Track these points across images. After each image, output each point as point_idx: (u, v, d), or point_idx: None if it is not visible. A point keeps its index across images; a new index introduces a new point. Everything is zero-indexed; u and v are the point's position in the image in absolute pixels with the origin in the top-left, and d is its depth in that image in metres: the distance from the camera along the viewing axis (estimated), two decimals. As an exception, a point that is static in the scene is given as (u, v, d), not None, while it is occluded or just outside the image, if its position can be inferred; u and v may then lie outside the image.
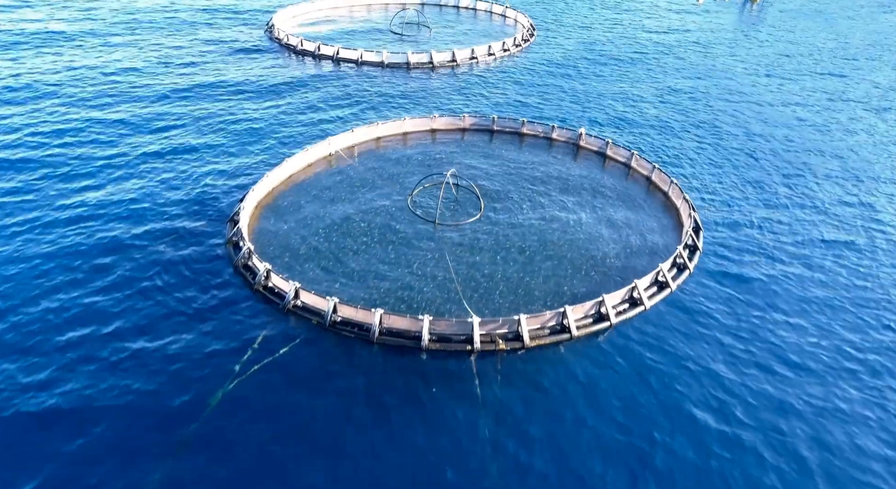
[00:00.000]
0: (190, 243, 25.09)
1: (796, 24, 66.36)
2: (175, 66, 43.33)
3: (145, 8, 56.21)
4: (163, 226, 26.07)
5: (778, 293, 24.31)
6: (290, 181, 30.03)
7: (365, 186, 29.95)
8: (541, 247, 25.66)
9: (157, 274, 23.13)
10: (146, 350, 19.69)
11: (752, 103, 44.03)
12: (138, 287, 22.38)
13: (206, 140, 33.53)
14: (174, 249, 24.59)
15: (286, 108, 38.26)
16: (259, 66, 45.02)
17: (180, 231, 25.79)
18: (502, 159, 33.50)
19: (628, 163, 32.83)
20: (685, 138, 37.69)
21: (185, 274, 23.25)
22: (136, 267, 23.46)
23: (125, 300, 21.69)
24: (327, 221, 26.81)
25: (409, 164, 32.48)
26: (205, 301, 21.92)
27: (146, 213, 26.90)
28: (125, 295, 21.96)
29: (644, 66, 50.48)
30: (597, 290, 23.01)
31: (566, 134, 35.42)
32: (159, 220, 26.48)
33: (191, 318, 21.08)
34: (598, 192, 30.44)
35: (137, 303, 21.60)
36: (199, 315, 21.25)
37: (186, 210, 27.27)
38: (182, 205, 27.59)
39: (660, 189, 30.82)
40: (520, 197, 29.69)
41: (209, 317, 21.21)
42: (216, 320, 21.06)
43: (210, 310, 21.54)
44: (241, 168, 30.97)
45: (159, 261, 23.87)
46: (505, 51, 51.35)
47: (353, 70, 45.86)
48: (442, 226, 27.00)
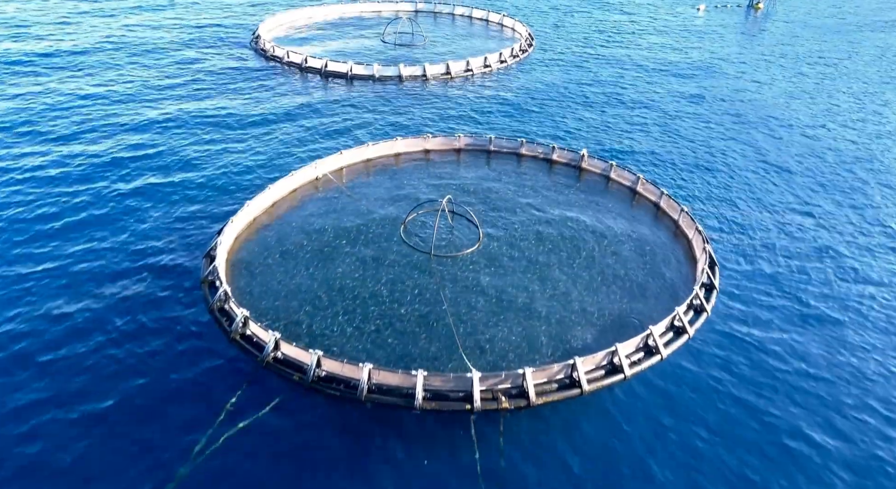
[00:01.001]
0: (162, 283, 23.14)
1: (803, 35, 65.00)
2: (152, 82, 41.35)
3: (123, 19, 54.27)
4: (134, 263, 24.10)
5: (805, 343, 22.48)
6: (273, 209, 28.11)
7: (354, 214, 28.08)
8: (543, 284, 23.85)
9: (125, 321, 21.16)
10: (106, 413, 17.70)
11: (763, 122, 42.47)
12: (99, 339, 20.38)
13: (182, 165, 31.56)
14: (144, 290, 22.63)
15: (269, 129, 36.31)
16: (242, 79, 43.07)
17: (153, 268, 23.83)
18: (501, 182, 31.70)
19: (634, 187, 31.10)
20: (691, 160, 36.03)
21: (154, 319, 21.29)
22: (98, 315, 21.46)
23: (85, 357, 19.67)
24: (313, 254, 24.90)
25: (401, 188, 30.63)
26: (175, 353, 19.97)
27: (116, 249, 24.92)
28: (85, 348, 19.95)
29: (646, 79, 48.88)
30: (606, 335, 21.24)
31: (567, 155, 33.68)
32: (130, 256, 24.51)
33: (158, 374, 19.13)
34: (603, 220, 28.67)
35: (98, 360, 19.60)
36: (167, 370, 19.30)
37: (160, 243, 25.32)
38: (155, 238, 25.65)
39: (669, 216, 29.08)
40: (520, 224, 27.89)
41: (180, 372, 19.27)
42: (188, 376, 19.12)
43: (181, 363, 19.60)
44: (220, 196, 29.03)
45: (126, 304, 21.91)
46: (502, 62, 49.68)
47: (342, 84, 44.03)
48: (437, 257, 25.17)
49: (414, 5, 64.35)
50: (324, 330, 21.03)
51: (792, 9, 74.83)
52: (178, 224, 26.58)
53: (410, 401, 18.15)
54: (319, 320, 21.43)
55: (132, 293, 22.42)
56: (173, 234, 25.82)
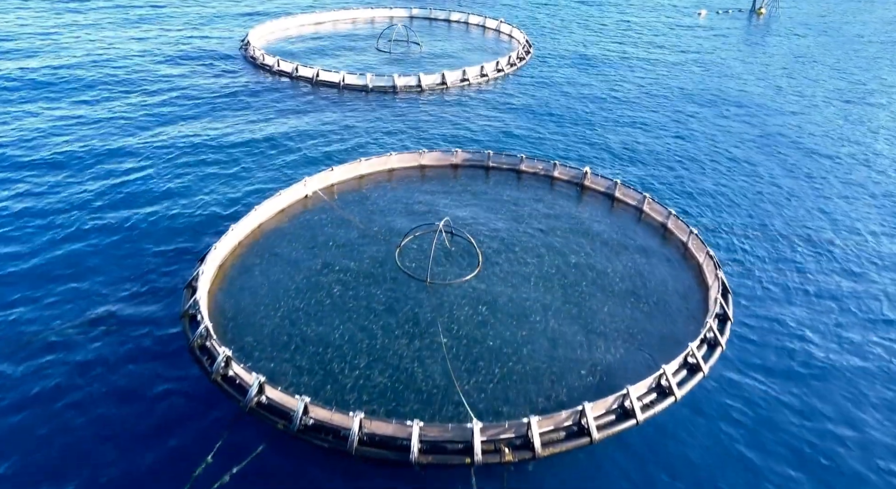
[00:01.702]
0: (139, 317, 21.68)
1: (807, 41, 63.94)
2: (134, 88, 39.87)
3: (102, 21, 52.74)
4: (109, 296, 22.63)
5: (829, 387, 21.12)
6: (260, 231, 26.71)
7: (346, 235, 26.71)
8: (547, 314, 22.54)
9: (97, 358, 19.70)
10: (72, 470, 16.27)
11: (770, 138, 41.30)
12: (66, 380, 18.92)
13: (164, 184, 30.10)
14: (119, 326, 21.17)
15: (257, 145, 34.77)
16: (229, 89, 41.63)
17: (129, 301, 22.38)
18: (500, 201, 30.39)
19: (640, 207, 29.82)
20: (697, 178, 34.78)
21: (128, 357, 19.86)
22: (65, 353, 20.01)
23: (51, 401, 18.23)
24: (301, 282, 23.51)
25: (395, 207, 29.29)
26: (149, 398, 18.56)
27: (90, 280, 23.45)
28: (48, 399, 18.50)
29: (646, 90, 47.67)
30: (615, 372, 19.96)
31: (569, 172, 32.38)
32: (106, 288, 23.04)
33: (130, 420, 17.68)
34: (607, 242, 27.37)
35: (64, 406, 18.16)
36: (141, 416, 17.87)
37: (139, 273, 23.87)
38: (133, 267, 24.18)
39: (677, 238, 27.81)
40: (521, 247, 26.57)
41: (153, 418, 17.84)
42: (161, 423, 17.68)
43: (154, 409, 18.17)
44: (205, 219, 27.57)
45: (98, 343, 20.43)
46: (499, 71, 48.41)
47: (334, 95, 42.65)
48: (434, 285, 23.82)
49: (409, 11, 63.09)
50: (312, 367, 19.63)
51: (794, 13, 73.86)
52: (159, 252, 25.13)
53: (405, 454, 16.77)
54: (307, 357, 20.03)
55: (106, 329, 20.96)
56: (153, 263, 24.38)
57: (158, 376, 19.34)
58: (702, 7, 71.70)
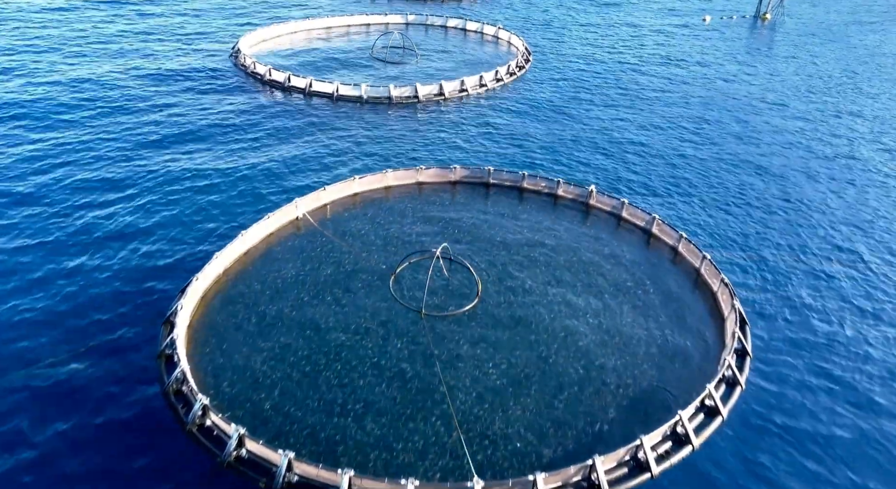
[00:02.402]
0: (111, 354, 20.24)
1: (813, 48, 62.59)
2: (117, 103, 38.45)
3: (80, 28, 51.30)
4: (79, 332, 21.17)
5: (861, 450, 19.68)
6: (247, 258, 25.28)
7: (338, 262, 25.31)
8: (551, 348, 21.13)
9: (58, 407, 18.23)
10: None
11: (781, 151, 39.95)
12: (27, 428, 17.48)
13: (144, 210, 28.58)
14: (87, 364, 19.73)
15: (245, 163, 33.16)
16: (218, 102, 40.20)
17: (102, 338, 20.92)
18: (501, 221, 29.00)
19: (648, 228, 28.42)
20: (706, 196, 33.38)
21: (97, 403, 18.37)
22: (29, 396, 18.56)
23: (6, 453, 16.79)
24: (288, 316, 22.09)
25: (391, 228, 27.90)
26: (117, 450, 17.05)
27: (59, 313, 22.00)
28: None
29: (651, 101, 46.31)
30: (627, 416, 18.61)
31: (574, 191, 30.99)
32: (75, 319, 21.59)
33: (94, 477, 16.21)
34: (614, 267, 25.96)
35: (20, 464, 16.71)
36: (107, 473, 16.38)
37: (113, 307, 22.40)
38: (108, 300, 22.72)
39: (688, 263, 26.40)
40: (523, 274, 25.16)
41: (121, 472, 16.36)
42: (130, 480, 16.20)
43: (124, 462, 16.68)
44: (189, 245, 26.08)
45: (64, 383, 18.98)
46: (498, 81, 47.04)
47: (327, 106, 41.25)
48: (430, 316, 22.41)
49: (404, 17, 61.75)
50: (297, 414, 18.18)
51: (800, 18, 72.57)
52: (136, 283, 23.66)
53: (399, 517, 15.34)
54: (293, 403, 18.59)
55: (74, 369, 19.50)
56: (129, 295, 22.92)
57: (127, 425, 17.87)
58: (706, 13, 70.45)
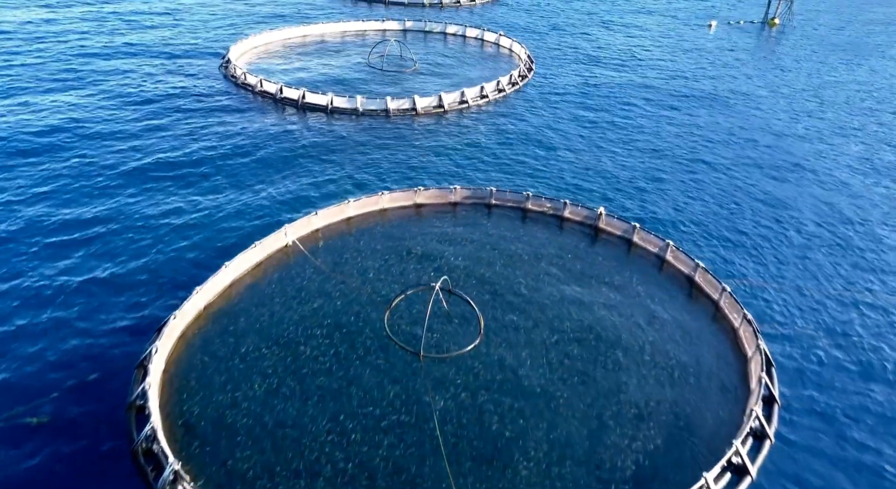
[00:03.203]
0: (76, 403, 18.60)
1: (824, 55, 61.09)
2: (98, 117, 36.83)
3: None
4: (42, 377, 19.51)
5: None
6: (232, 291, 23.66)
7: (329, 295, 23.72)
8: (561, 398, 19.55)
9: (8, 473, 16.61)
10: None
11: (796, 170, 38.42)
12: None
13: (121, 237, 26.94)
14: (52, 417, 18.08)
15: (232, 184, 31.46)
16: (205, 118, 38.50)
17: (65, 384, 19.28)
18: (504, 246, 27.45)
19: (661, 255, 26.85)
20: (722, 222, 31.76)
21: (51, 470, 16.72)
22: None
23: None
24: (273, 361, 20.48)
25: (387, 256, 26.32)
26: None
27: (21, 356, 20.36)
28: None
29: (657, 114, 44.79)
30: (644, 477, 16.99)
31: (581, 212, 29.42)
32: (36, 365, 19.95)
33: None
34: (626, 299, 24.38)
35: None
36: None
37: (81, 348, 20.77)
38: (76, 341, 21.07)
39: (706, 295, 24.80)
40: (529, 308, 23.58)
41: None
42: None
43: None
44: (166, 280, 24.39)
45: (17, 440, 17.32)
46: (500, 91, 45.52)
47: (321, 120, 39.65)
48: (429, 358, 20.82)
49: (402, 24, 60.23)
50: (279, 479, 16.53)
51: (809, 23, 71.12)
52: (109, 321, 22.01)
53: None
54: (276, 464, 16.95)
55: (37, 421, 17.87)
56: (100, 335, 21.26)
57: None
58: (712, 18, 68.97)
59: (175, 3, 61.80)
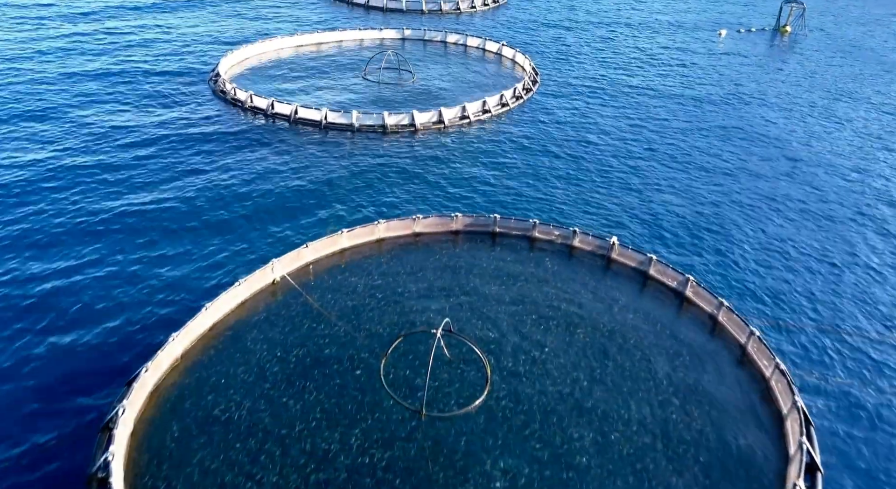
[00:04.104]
0: (27, 471, 16.71)
1: (838, 65, 59.37)
2: (77, 140, 35.04)
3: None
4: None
5: None
6: (212, 335, 21.82)
7: (319, 337, 21.95)
8: (580, 464, 17.68)
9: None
10: None
11: (822, 196, 36.64)
12: None
13: (91, 275, 25.12)
14: None
15: (216, 212, 29.44)
16: (192, 136, 36.66)
17: (15, 449, 17.39)
18: (510, 280, 25.71)
19: (680, 290, 25.02)
20: (747, 252, 29.96)
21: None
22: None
23: None
24: (257, 415, 18.66)
25: (383, 291, 24.52)
26: None
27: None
28: None
29: (667, 129, 43.03)
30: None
31: (592, 242, 27.62)
32: None
33: None
34: (644, 340, 22.56)
35: None
36: None
37: (35, 403, 18.89)
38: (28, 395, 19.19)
39: (731, 338, 22.94)
40: (541, 355, 21.74)
41: None
42: None
43: None
44: (139, 325, 22.53)
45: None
46: (503, 106, 43.75)
47: (315, 136, 37.85)
48: (430, 417, 18.97)
49: (400, 32, 58.52)
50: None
51: (822, 31, 69.38)
52: (71, 376, 20.16)
53: None
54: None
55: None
56: (60, 393, 19.39)
57: None
58: (721, 27, 67.27)
59: (159, 13, 60.03)
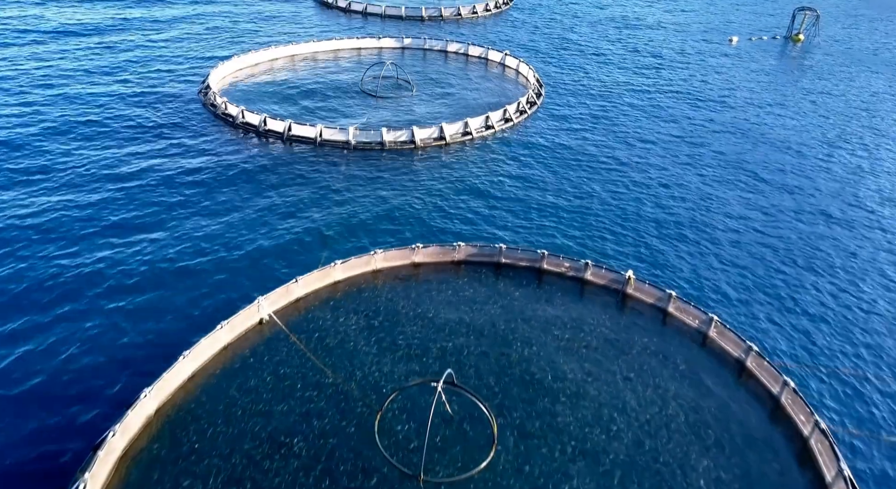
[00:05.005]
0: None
1: (854, 74, 57.70)
2: (53, 158, 33.34)
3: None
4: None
5: None
6: (191, 386, 20.10)
7: (307, 387, 20.34)
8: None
9: None
10: None
11: (847, 223, 34.93)
12: None
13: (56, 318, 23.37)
14: None
15: (195, 248, 27.58)
16: (173, 160, 34.77)
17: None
18: (518, 319, 23.98)
19: (703, 331, 23.26)
20: (771, 285, 28.22)
21: None
22: None
23: None
24: (237, 479, 16.82)
25: (378, 335, 22.75)
26: None
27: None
28: None
29: (678, 147, 41.33)
30: None
31: (606, 276, 25.90)
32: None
33: None
34: (663, 386, 20.81)
35: None
36: None
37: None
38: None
39: (761, 387, 21.16)
40: (553, 406, 19.99)
41: None
42: None
43: None
44: (106, 381, 20.74)
45: None
46: (506, 121, 42.06)
47: (309, 155, 36.11)
48: (429, 482, 17.22)
49: (399, 41, 56.88)
50: None
51: (835, 39, 67.72)
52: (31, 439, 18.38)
53: None
54: None
55: None
56: (18, 460, 17.62)
57: None
58: (733, 34, 65.65)
59: (151, 21, 58.39)
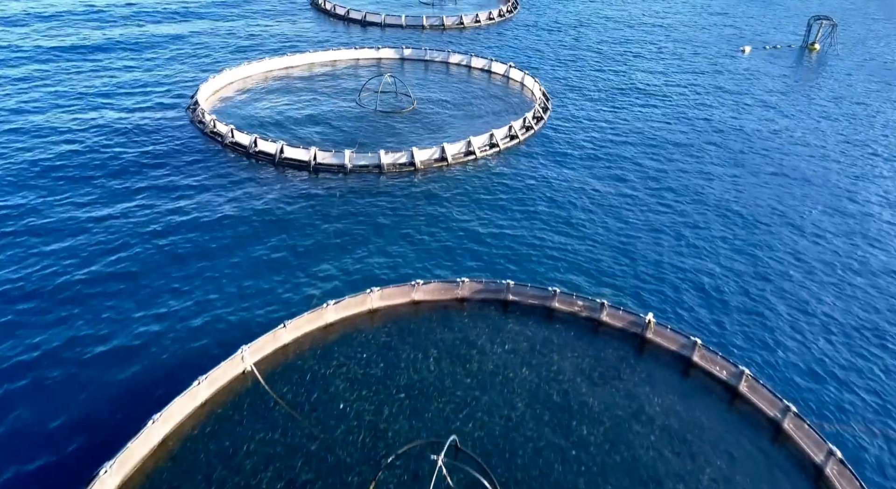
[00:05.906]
0: None
1: (873, 86, 55.85)
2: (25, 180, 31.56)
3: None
4: None
5: None
6: (165, 451, 18.21)
7: (292, 455, 18.49)
8: None
9: None
10: None
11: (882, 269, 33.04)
12: None
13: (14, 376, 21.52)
14: None
15: (172, 290, 25.50)
16: (162, 179, 33.03)
17: None
18: (528, 366, 22.16)
19: (733, 386, 21.33)
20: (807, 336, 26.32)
21: None
22: None
23: None
24: None
25: (372, 387, 20.94)
26: None
27: None
28: None
29: (696, 168, 39.50)
30: None
31: (624, 318, 24.02)
32: None
33: None
34: (689, 449, 18.92)
35: None
36: None
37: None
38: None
39: (802, 453, 19.20)
40: (575, 476, 18.04)
41: None
42: None
43: None
44: (73, 446, 18.87)
45: None
46: (512, 139, 40.23)
47: (302, 181, 34.22)
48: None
49: (399, 52, 55.14)
50: None
51: (853, 49, 65.80)
52: None
53: None
54: None
55: None
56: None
57: None
58: (746, 43, 63.81)
59: (137, 32, 56.71)
